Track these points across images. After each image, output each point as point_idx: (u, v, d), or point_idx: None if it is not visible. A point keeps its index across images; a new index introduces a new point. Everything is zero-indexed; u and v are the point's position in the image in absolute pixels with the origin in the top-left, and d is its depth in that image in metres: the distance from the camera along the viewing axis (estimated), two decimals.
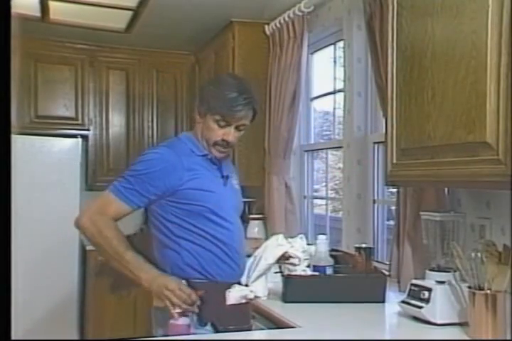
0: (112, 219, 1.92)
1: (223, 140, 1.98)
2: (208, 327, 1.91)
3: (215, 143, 1.99)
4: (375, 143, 3.07)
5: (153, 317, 2.00)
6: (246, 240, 2.19)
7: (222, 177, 2.05)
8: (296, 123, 3.58)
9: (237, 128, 1.98)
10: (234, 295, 1.95)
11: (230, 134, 1.97)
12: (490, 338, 1.72)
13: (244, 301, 1.98)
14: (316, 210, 3.94)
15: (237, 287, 1.96)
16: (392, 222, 2.82)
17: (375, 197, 3.11)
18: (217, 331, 1.91)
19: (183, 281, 1.91)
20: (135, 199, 1.93)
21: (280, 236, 2.08)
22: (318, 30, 3.54)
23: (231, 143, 2.00)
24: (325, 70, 3.79)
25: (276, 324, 2.10)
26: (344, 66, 3.26)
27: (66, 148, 4.37)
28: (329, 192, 3.81)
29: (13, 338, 1.25)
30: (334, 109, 3.70)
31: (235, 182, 2.13)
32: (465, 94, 1.63)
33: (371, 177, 3.11)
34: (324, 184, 3.89)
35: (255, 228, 3.77)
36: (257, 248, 2.06)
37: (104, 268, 2.30)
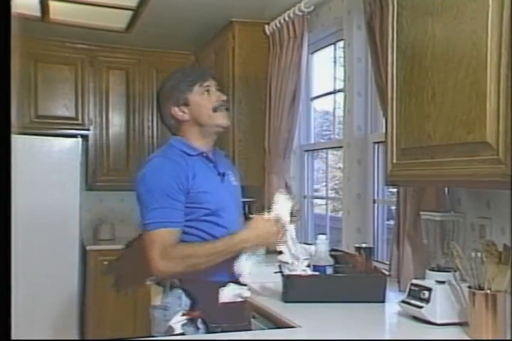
0: (174, 246, 1.88)
1: (222, 100, 2.03)
2: (200, 325, 1.90)
3: (215, 109, 2.01)
4: (375, 142, 3.07)
5: (151, 316, 2.00)
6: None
7: (219, 174, 2.05)
8: (296, 123, 3.58)
9: (218, 90, 2.06)
10: (227, 294, 1.95)
11: (219, 94, 2.04)
12: (490, 338, 1.72)
13: (239, 300, 1.98)
14: (316, 210, 3.94)
15: (231, 285, 1.96)
16: (392, 222, 2.82)
17: (375, 197, 3.11)
18: (207, 329, 1.90)
19: (176, 281, 1.92)
20: (175, 218, 1.89)
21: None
22: (318, 30, 3.54)
23: (226, 99, 2.07)
24: (325, 70, 3.79)
25: (276, 324, 2.10)
26: (344, 66, 3.26)
27: (66, 148, 4.37)
28: (329, 191, 3.81)
29: (13, 338, 1.25)
30: (334, 108, 3.70)
31: (232, 178, 2.13)
32: (465, 93, 1.63)
33: (371, 177, 3.11)
34: (324, 184, 3.89)
35: None
36: None
37: (111, 266, 2.30)
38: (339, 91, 3.48)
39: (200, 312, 1.90)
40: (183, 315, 1.90)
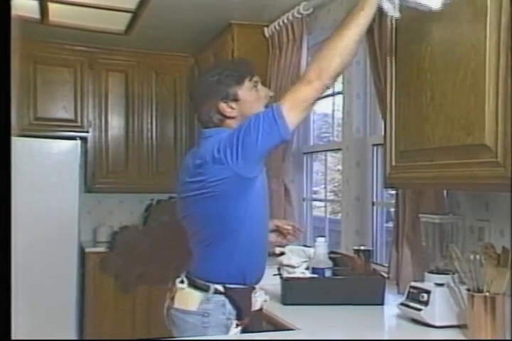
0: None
1: (270, 96, 1.96)
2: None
3: (267, 107, 1.89)
4: (374, 145, 3.07)
5: (179, 320, 1.87)
6: None
7: None
8: None
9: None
10: (259, 301, 1.91)
11: (267, 90, 1.99)
12: None
13: (261, 306, 1.95)
14: (315, 212, 3.94)
15: (258, 292, 1.92)
16: (391, 224, 2.82)
17: (374, 199, 3.11)
18: None
19: (220, 287, 1.82)
20: None
21: None
22: (317, 33, 3.54)
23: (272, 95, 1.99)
24: None
25: (276, 326, 2.09)
26: None
27: (65, 150, 4.38)
28: (328, 194, 3.81)
29: (13, 338, 1.25)
30: (333, 111, 3.71)
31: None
32: (464, 96, 1.64)
33: (370, 180, 3.12)
34: (323, 186, 3.89)
35: None
36: None
37: (106, 263, 2.28)
38: (338, 93, 3.48)
39: (247, 321, 1.83)
40: (237, 325, 1.82)
